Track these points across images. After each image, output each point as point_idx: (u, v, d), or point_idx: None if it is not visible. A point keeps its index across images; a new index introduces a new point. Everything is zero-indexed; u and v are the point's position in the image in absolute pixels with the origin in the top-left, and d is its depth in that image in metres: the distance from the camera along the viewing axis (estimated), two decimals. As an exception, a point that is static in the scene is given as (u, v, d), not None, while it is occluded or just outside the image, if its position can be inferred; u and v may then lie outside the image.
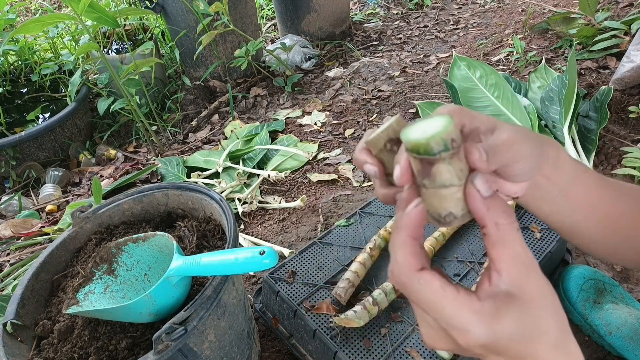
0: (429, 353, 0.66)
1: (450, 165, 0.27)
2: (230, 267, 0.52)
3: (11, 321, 0.57)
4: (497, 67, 1.79)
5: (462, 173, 0.28)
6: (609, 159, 1.19)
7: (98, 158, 1.64)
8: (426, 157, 0.26)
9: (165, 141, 1.67)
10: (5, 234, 1.24)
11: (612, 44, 1.57)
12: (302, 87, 1.88)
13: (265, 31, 2.50)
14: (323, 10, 2.13)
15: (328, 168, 1.38)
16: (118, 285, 0.61)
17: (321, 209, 1.21)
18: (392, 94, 1.73)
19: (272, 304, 0.80)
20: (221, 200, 0.69)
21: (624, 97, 1.36)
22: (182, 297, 0.58)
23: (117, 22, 1.33)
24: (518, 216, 0.91)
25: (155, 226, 0.74)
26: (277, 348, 0.84)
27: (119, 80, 1.40)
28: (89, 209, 0.72)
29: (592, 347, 0.79)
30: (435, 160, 0.26)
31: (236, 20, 1.78)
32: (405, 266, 0.29)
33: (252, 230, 1.18)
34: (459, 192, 0.28)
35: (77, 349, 0.56)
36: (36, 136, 1.52)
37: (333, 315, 0.71)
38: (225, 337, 0.61)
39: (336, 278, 0.80)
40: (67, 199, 1.44)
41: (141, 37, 1.93)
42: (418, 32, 2.31)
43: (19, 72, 1.83)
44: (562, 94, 1.22)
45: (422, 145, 0.26)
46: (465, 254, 0.83)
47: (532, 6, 2.19)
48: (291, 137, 1.51)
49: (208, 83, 1.92)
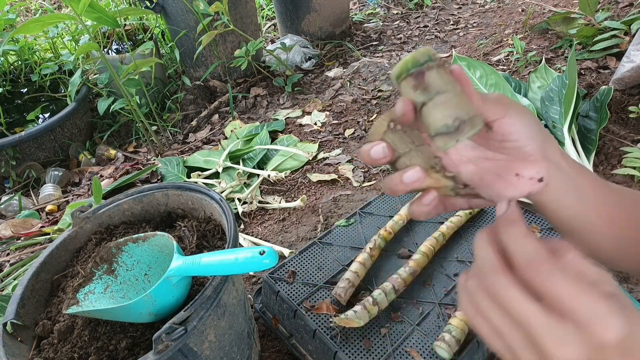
0: (429, 353, 0.66)
1: (439, 74, 0.29)
2: (230, 267, 0.52)
3: (11, 321, 0.57)
4: (497, 67, 1.79)
5: (454, 85, 0.30)
6: (609, 159, 1.19)
7: (98, 158, 1.64)
8: (416, 69, 0.29)
9: (165, 141, 1.67)
10: (5, 234, 1.24)
11: (612, 44, 1.57)
12: (302, 87, 1.88)
13: (265, 31, 2.50)
14: (323, 10, 2.13)
15: (328, 168, 1.38)
16: (118, 285, 0.61)
17: (321, 209, 1.21)
18: (392, 94, 1.73)
19: (272, 304, 0.80)
20: (221, 200, 0.69)
21: (624, 97, 1.36)
22: (182, 297, 0.58)
23: (117, 22, 1.33)
24: (518, 216, 0.91)
25: (155, 226, 0.74)
26: (277, 348, 0.84)
27: (119, 80, 1.40)
28: (89, 209, 0.72)
29: (592, 347, 0.79)
30: (425, 69, 0.29)
31: (236, 20, 1.78)
32: (542, 253, 0.26)
33: (252, 230, 1.18)
34: (455, 98, 0.29)
35: (77, 349, 0.56)
36: (36, 136, 1.52)
37: (333, 315, 0.71)
38: (225, 337, 0.61)
39: (336, 278, 0.80)
40: (67, 199, 1.44)
41: (141, 37, 1.93)
42: (418, 32, 2.31)
43: (19, 72, 1.83)
44: (562, 94, 1.22)
45: (409, 61, 0.30)
46: (465, 254, 0.83)
47: (532, 6, 2.19)
48: (291, 137, 1.51)
49: (208, 83, 1.92)
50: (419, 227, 0.90)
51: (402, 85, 0.31)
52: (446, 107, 0.29)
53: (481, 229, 0.30)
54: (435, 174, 0.33)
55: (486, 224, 0.90)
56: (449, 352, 0.64)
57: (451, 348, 0.64)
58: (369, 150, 0.33)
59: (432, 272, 0.80)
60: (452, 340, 0.65)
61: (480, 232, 0.29)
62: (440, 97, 0.29)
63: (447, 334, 0.66)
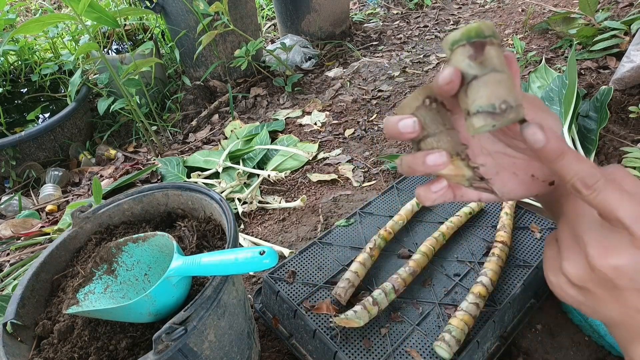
0: (429, 353, 0.66)
1: (497, 52, 0.28)
2: (230, 267, 0.52)
3: (11, 321, 0.57)
4: (497, 67, 1.78)
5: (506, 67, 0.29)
6: (609, 159, 1.19)
7: (98, 158, 1.64)
8: (478, 39, 0.28)
9: (165, 141, 1.67)
10: (5, 234, 1.24)
11: (612, 44, 1.57)
12: (302, 87, 1.88)
13: (265, 31, 2.50)
14: (323, 10, 2.13)
15: (328, 168, 1.38)
16: (118, 285, 0.61)
17: (321, 209, 1.21)
18: (392, 94, 1.73)
19: (272, 304, 0.80)
20: (221, 200, 0.69)
21: (624, 97, 1.36)
22: (182, 297, 0.58)
23: (117, 22, 1.33)
24: (518, 216, 0.91)
25: (155, 226, 0.74)
26: (277, 348, 0.84)
27: (119, 80, 1.40)
28: (89, 209, 0.72)
29: (592, 347, 0.79)
30: (486, 42, 0.28)
31: (236, 20, 1.78)
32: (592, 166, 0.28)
33: (252, 230, 1.18)
34: (509, 81, 0.28)
35: (77, 349, 0.56)
36: (36, 136, 1.52)
37: (333, 315, 0.71)
38: (225, 337, 0.61)
39: (336, 278, 0.80)
40: (67, 199, 1.44)
41: (141, 37, 1.93)
42: (418, 32, 2.31)
43: (19, 72, 1.83)
44: (562, 94, 1.22)
45: (474, 29, 0.28)
46: (465, 254, 0.83)
47: (532, 6, 2.19)
48: (291, 137, 1.51)
49: (208, 83, 1.92)
50: (419, 227, 0.90)
51: (456, 53, 0.29)
52: (498, 87, 0.28)
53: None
54: (458, 162, 0.32)
55: (486, 224, 0.90)
56: (449, 352, 0.64)
57: (451, 348, 0.64)
58: (397, 122, 0.31)
59: (432, 272, 0.80)
60: (452, 340, 0.65)
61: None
62: (494, 75, 0.28)
63: (447, 334, 0.66)
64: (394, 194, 0.99)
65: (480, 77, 0.28)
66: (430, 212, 0.94)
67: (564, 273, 0.30)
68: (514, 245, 0.85)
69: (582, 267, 0.29)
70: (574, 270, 0.30)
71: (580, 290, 0.30)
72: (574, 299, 0.31)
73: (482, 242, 0.86)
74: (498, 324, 0.72)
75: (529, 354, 0.79)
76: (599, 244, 0.28)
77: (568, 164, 0.28)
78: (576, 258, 0.30)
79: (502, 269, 0.78)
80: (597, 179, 0.27)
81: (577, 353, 0.79)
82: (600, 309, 0.30)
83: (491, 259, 0.78)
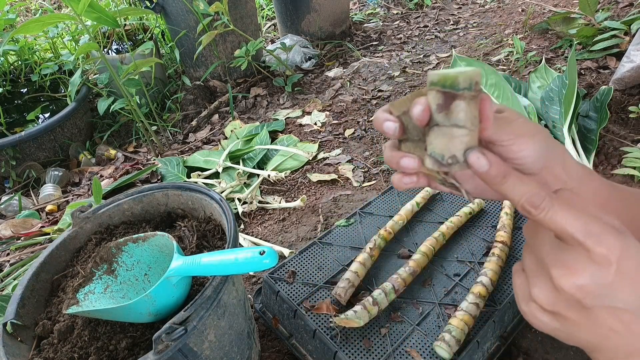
0: (429, 353, 0.66)
1: (468, 107, 0.28)
2: (230, 267, 0.52)
3: (11, 321, 0.57)
4: (497, 67, 1.79)
5: (474, 120, 0.29)
6: (609, 159, 1.19)
7: (98, 158, 1.64)
8: (450, 90, 0.28)
9: (165, 141, 1.67)
10: (5, 234, 1.24)
11: (612, 44, 1.57)
12: (302, 87, 1.88)
13: (265, 31, 2.50)
14: (323, 10, 2.13)
15: (328, 168, 1.38)
16: (118, 285, 0.61)
17: (321, 209, 1.21)
18: (392, 94, 1.73)
19: (272, 304, 0.80)
20: (221, 200, 0.69)
21: (624, 97, 1.36)
22: (182, 297, 0.58)
23: (117, 22, 1.33)
24: (518, 216, 0.91)
25: (155, 226, 0.74)
26: (277, 348, 0.84)
27: (119, 80, 1.40)
28: (89, 209, 0.72)
29: (592, 347, 0.79)
30: (457, 95, 0.28)
31: (236, 20, 1.78)
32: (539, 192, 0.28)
33: (252, 230, 1.18)
34: (466, 137, 0.29)
35: (77, 349, 0.56)
36: (36, 136, 1.52)
37: (333, 315, 0.71)
38: (225, 337, 0.61)
39: (336, 278, 0.80)
40: (67, 199, 1.44)
41: (141, 37, 1.93)
42: (418, 32, 2.31)
43: (19, 72, 1.83)
44: (562, 94, 1.22)
45: (451, 77, 0.28)
46: (465, 254, 0.83)
47: (532, 6, 2.19)
48: (291, 137, 1.51)
49: (208, 83, 1.92)
50: (419, 227, 0.90)
51: (430, 93, 0.30)
52: (453, 141, 0.29)
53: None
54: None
55: (486, 224, 0.90)
56: (449, 352, 0.64)
57: (451, 348, 0.64)
58: (383, 121, 0.34)
59: (432, 272, 0.80)
60: (452, 340, 0.65)
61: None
62: (453, 130, 0.29)
63: (447, 334, 0.66)
64: (394, 194, 0.99)
65: (441, 126, 0.29)
66: (430, 212, 0.94)
67: (534, 300, 0.30)
68: (514, 245, 0.85)
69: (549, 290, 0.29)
70: (542, 295, 0.29)
71: (553, 315, 0.29)
72: (548, 326, 0.30)
73: (482, 242, 0.86)
74: (498, 324, 0.72)
75: (529, 354, 0.79)
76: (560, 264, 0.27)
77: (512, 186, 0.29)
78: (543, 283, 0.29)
79: (502, 269, 0.78)
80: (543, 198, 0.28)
81: (577, 353, 0.79)
82: (576, 333, 0.29)
83: (491, 259, 0.78)
